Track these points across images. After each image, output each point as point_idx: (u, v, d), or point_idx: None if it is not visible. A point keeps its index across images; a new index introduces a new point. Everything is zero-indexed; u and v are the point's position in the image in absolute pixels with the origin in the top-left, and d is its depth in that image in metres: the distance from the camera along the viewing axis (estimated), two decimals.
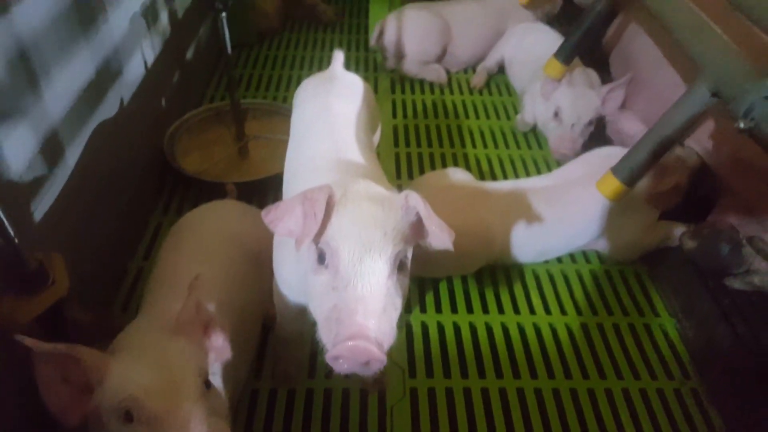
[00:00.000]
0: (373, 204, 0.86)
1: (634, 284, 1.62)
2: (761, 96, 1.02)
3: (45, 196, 1.16)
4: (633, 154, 1.37)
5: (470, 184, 1.59)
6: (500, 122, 2.25)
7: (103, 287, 1.46)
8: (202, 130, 2.05)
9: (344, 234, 0.83)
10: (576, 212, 1.57)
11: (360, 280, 0.80)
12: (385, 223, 0.84)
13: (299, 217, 0.85)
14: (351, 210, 0.85)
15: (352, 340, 0.75)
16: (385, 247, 0.82)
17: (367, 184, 0.94)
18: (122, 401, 0.79)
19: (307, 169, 1.15)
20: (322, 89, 1.36)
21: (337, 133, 1.21)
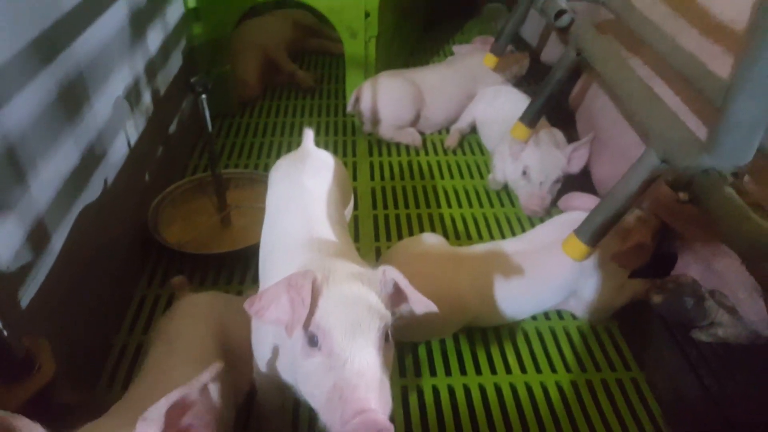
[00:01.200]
0: (355, 282, 0.92)
1: (606, 339, 1.67)
2: (699, 170, 1.10)
3: (31, 283, 1.21)
4: (593, 218, 1.45)
5: (443, 250, 1.66)
6: (474, 181, 2.35)
7: (88, 363, 1.49)
8: (185, 200, 2.12)
9: (334, 315, 0.88)
10: (546, 275, 1.63)
11: (356, 356, 0.84)
12: (369, 299, 0.90)
13: (286, 304, 0.90)
14: (336, 291, 0.90)
15: (361, 415, 0.79)
16: (372, 321, 0.87)
17: (344, 263, 1.01)
18: None
19: (282, 248, 1.21)
20: (294, 169, 1.43)
21: (309, 212, 1.27)
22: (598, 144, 2.06)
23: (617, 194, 1.41)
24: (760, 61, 0.95)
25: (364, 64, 2.61)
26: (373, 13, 2.44)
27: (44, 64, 1.29)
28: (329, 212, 1.30)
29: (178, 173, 2.30)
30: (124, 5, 1.77)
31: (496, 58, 2.49)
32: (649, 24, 1.71)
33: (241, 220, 2.08)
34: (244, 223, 2.07)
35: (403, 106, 2.50)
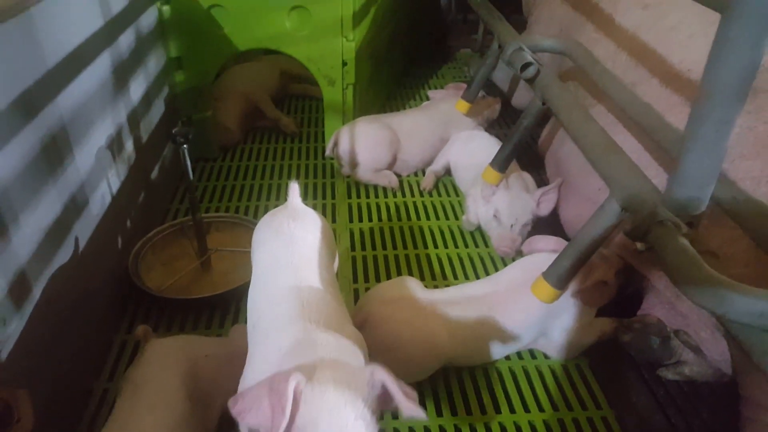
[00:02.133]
0: (341, 387, 0.89)
1: (576, 377, 1.72)
2: (655, 221, 1.17)
3: (11, 334, 1.22)
4: (559, 262, 1.52)
5: (418, 294, 1.70)
6: (449, 222, 2.42)
7: (68, 410, 1.50)
8: (166, 245, 2.15)
9: (316, 423, 0.86)
10: (515, 318, 1.68)
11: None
12: (355, 403, 0.88)
13: (267, 410, 0.87)
14: (319, 398, 0.88)
15: None
16: (358, 426, 0.86)
17: (333, 360, 0.99)
18: None
19: (272, 317, 1.20)
20: (284, 227, 1.43)
21: (301, 275, 1.28)
22: (566, 188, 2.15)
23: (582, 239, 1.48)
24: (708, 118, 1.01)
25: (341, 110, 2.70)
26: (350, 62, 2.54)
27: (27, 120, 1.33)
28: (321, 274, 1.31)
29: (159, 218, 2.34)
30: (107, 58, 1.83)
31: (468, 104, 2.59)
32: (609, 75, 1.82)
33: (222, 263, 2.12)
34: (225, 267, 2.11)
35: (380, 150, 2.58)
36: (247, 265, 2.07)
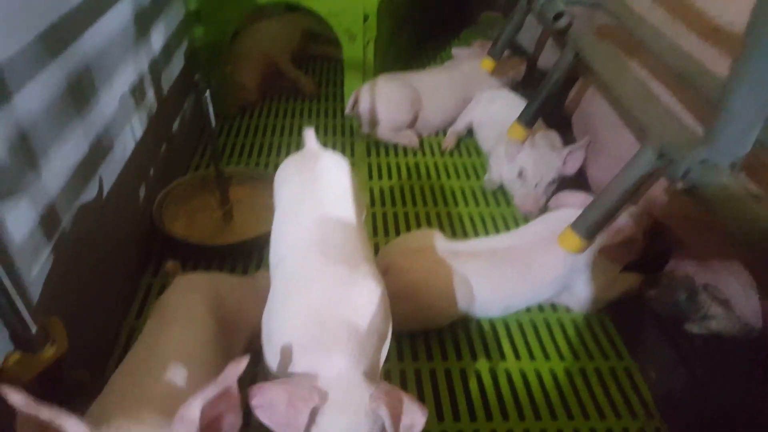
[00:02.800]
0: (350, 416, 0.92)
1: (599, 331, 1.71)
2: (697, 161, 1.15)
3: (44, 263, 1.24)
4: (589, 212, 1.50)
5: (441, 245, 1.70)
6: (470, 182, 2.40)
7: (99, 346, 1.53)
8: (188, 197, 2.15)
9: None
10: (539, 270, 1.68)
11: None
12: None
13: (281, 419, 0.90)
14: (329, 425, 0.91)
15: None
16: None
17: (345, 384, 0.97)
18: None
19: (295, 258, 1.18)
20: (307, 166, 1.40)
21: (325, 213, 1.25)
22: (594, 147, 2.12)
23: (613, 190, 1.46)
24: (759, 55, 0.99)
25: (362, 67, 2.66)
26: (372, 16, 2.49)
27: (53, 56, 1.33)
28: (345, 207, 1.30)
29: (181, 171, 2.34)
30: (128, 4, 1.81)
31: (493, 62, 2.54)
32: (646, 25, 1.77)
33: (243, 215, 2.12)
34: (246, 218, 2.11)
35: (401, 109, 2.55)
36: (268, 217, 2.09)
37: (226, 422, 0.90)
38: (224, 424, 0.90)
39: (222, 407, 0.89)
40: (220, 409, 0.90)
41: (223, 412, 0.90)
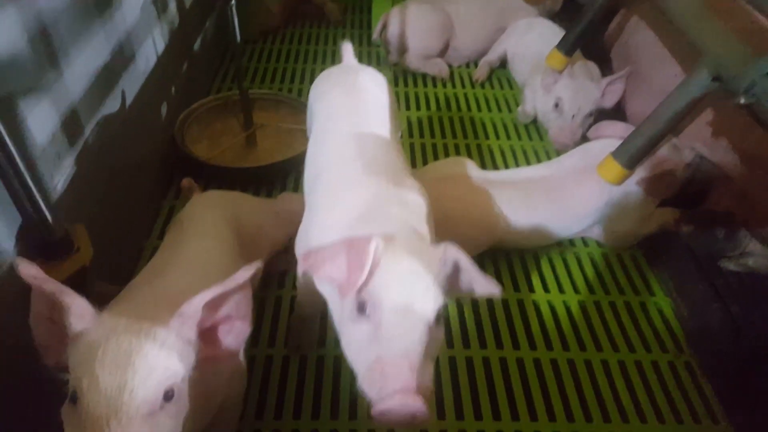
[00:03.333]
0: (416, 258, 0.86)
1: (630, 266, 1.67)
2: (761, 73, 1.07)
3: (67, 171, 1.21)
4: (633, 138, 1.42)
5: (473, 173, 1.64)
6: (502, 114, 2.31)
7: (120, 265, 1.52)
8: (210, 120, 2.10)
9: (388, 288, 0.83)
10: (574, 202, 1.62)
11: (404, 335, 0.80)
12: (426, 277, 0.85)
13: (342, 266, 0.85)
14: (395, 263, 0.85)
15: (399, 397, 0.75)
16: (426, 303, 0.83)
17: (409, 225, 0.97)
18: (73, 378, 0.72)
19: (336, 170, 1.14)
20: (347, 78, 1.35)
21: (366, 125, 1.21)
22: (635, 79, 2.01)
23: (661, 114, 1.38)
24: None
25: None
26: None
27: None
28: (385, 124, 1.25)
29: (203, 91, 2.28)
30: None
31: None
32: None
33: (267, 141, 2.07)
34: (270, 144, 2.06)
35: (432, 35, 2.43)
36: (293, 142, 2.04)
37: (235, 329, 0.88)
38: (233, 330, 0.88)
39: (233, 313, 0.87)
40: (231, 315, 0.87)
41: (234, 318, 0.87)
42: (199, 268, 1.09)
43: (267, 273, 1.57)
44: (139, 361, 0.72)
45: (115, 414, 0.68)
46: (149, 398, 0.71)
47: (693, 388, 1.36)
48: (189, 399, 0.80)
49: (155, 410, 0.72)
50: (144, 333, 0.75)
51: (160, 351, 0.75)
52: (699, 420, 1.30)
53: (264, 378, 1.35)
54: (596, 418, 1.29)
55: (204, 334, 0.84)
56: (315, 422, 1.27)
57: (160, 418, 0.73)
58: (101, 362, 0.71)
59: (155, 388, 0.72)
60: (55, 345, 0.79)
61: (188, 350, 0.80)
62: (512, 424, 1.27)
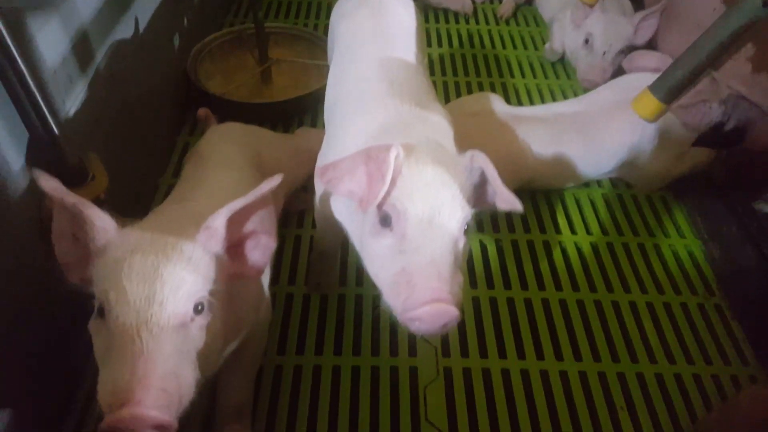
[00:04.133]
0: (440, 165, 0.82)
1: (660, 208, 1.61)
2: None
3: (79, 97, 1.16)
4: (672, 71, 1.34)
5: (502, 109, 1.57)
6: (528, 52, 2.21)
7: (135, 201, 1.48)
8: (224, 55, 2.02)
9: (413, 196, 0.79)
10: (607, 138, 1.55)
11: (431, 243, 0.77)
12: (452, 185, 0.81)
13: (362, 178, 0.81)
14: (418, 172, 0.81)
15: (431, 303, 0.72)
16: (453, 211, 0.79)
17: (431, 138, 0.91)
18: (100, 292, 0.71)
19: (359, 93, 1.08)
20: (371, 2, 1.28)
21: (389, 45, 1.15)
22: (670, 14, 1.90)
23: (705, 44, 1.29)
24: None
25: None
26: None
27: None
28: (411, 47, 1.18)
29: (216, 25, 2.19)
30: None
31: None
32: None
33: (282, 77, 2.00)
34: (285, 80, 1.99)
35: None
36: (309, 79, 1.97)
37: (260, 244, 0.86)
38: (259, 245, 0.87)
39: (258, 228, 0.85)
40: (256, 230, 0.85)
41: (259, 233, 0.86)
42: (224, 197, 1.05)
43: (286, 212, 1.54)
44: (168, 274, 0.70)
45: (145, 324, 0.67)
46: (179, 310, 0.70)
47: (723, 330, 1.33)
48: (219, 315, 0.78)
49: (186, 322, 0.71)
50: (171, 246, 0.73)
51: (188, 264, 0.73)
52: (729, 362, 1.27)
53: (285, 315, 1.33)
54: (623, 359, 1.27)
55: (230, 250, 0.82)
56: (337, 358, 1.26)
57: (191, 330, 0.72)
58: (128, 275, 0.69)
59: (185, 300, 0.71)
60: (79, 261, 0.77)
61: (216, 265, 0.78)
62: (537, 363, 1.25)
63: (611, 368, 1.25)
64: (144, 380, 0.63)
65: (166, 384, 0.65)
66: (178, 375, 0.67)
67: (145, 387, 0.63)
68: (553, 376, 1.23)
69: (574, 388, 1.22)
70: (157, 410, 0.63)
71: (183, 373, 0.69)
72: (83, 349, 0.85)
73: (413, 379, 1.22)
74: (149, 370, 0.64)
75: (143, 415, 0.62)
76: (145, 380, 0.64)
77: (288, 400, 1.18)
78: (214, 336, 0.77)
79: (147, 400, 0.62)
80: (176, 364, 0.68)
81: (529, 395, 1.21)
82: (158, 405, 0.63)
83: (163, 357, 0.66)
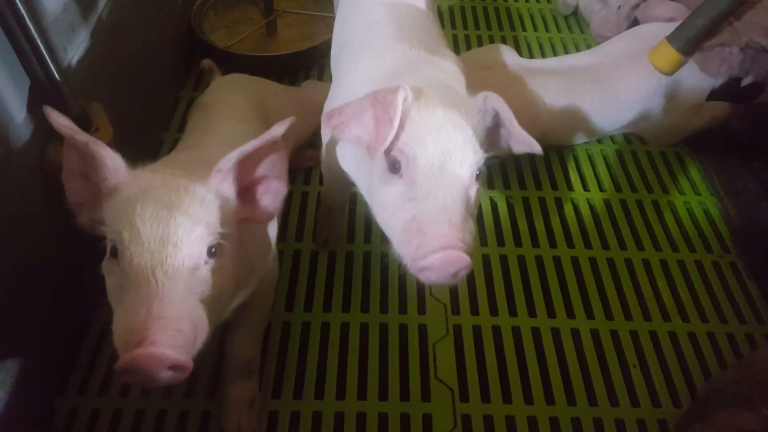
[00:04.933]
0: (451, 108, 0.79)
1: (675, 165, 1.58)
2: None
3: (81, 46, 1.12)
4: (692, 20, 1.29)
5: (514, 61, 1.52)
6: (540, 5, 2.13)
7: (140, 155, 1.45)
8: (227, 7, 1.96)
9: (422, 141, 0.76)
10: (621, 90, 1.50)
11: (441, 189, 0.74)
12: (464, 129, 0.78)
13: (369, 122, 0.78)
14: (428, 115, 0.78)
15: (442, 251, 0.71)
16: (465, 155, 0.76)
17: (441, 81, 0.87)
18: (112, 233, 0.70)
19: (364, 37, 1.04)
20: None
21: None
22: None
23: None
24: None
25: None
26: None
27: None
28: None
29: None
30: None
31: None
32: None
33: (289, 31, 1.94)
34: (291, 33, 1.93)
35: None
36: (315, 32, 1.91)
37: (271, 189, 0.86)
38: (270, 190, 0.86)
39: (269, 173, 0.85)
40: (267, 175, 0.85)
41: (270, 178, 0.85)
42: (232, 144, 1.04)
43: (293, 168, 1.51)
44: (181, 216, 0.70)
45: (160, 265, 0.67)
46: (194, 252, 0.70)
47: (738, 288, 1.32)
48: (230, 258, 0.77)
49: (199, 264, 0.71)
50: (183, 188, 0.73)
51: (200, 206, 0.72)
52: (744, 320, 1.26)
53: (293, 272, 1.32)
54: (636, 317, 1.26)
55: (241, 194, 0.82)
56: (346, 315, 1.25)
57: (205, 272, 0.71)
58: (141, 216, 0.68)
59: (199, 242, 0.70)
60: (89, 202, 0.77)
61: (228, 208, 0.78)
62: (549, 321, 1.24)
63: (624, 326, 1.24)
64: (160, 320, 0.63)
65: (182, 324, 0.65)
66: (193, 316, 0.67)
67: (161, 327, 0.63)
68: (564, 334, 1.23)
69: (585, 346, 1.21)
70: (173, 350, 0.63)
71: (197, 314, 0.68)
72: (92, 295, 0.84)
73: (422, 337, 1.22)
74: (165, 310, 0.64)
75: (160, 354, 0.62)
76: (161, 320, 0.63)
77: (296, 357, 1.18)
78: (226, 279, 0.76)
79: (163, 340, 0.62)
80: (191, 306, 0.67)
81: (540, 353, 1.20)
82: (174, 345, 0.63)
83: (178, 298, 0.66)
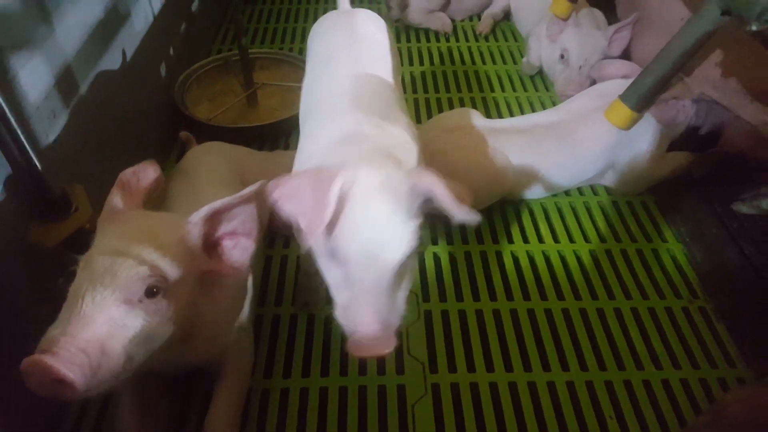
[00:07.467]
0: (386, 194, 0.82)
1: (641, 213, 1.63)
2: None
3: (62, 129, 1.18)
4: (642, 79, 1.38)
5: (479, 123, 1.60)
6: (507, 67, 2.25)
7: None
8: (211, 81, 2.06)
9: (354, 235, 0.81)
10: (584, 145, 1.57)
11: (370, 276, 0.81)
12: (396, 220, 0.82)
13: (308, 201, 0.80)
14: (362, 209, 0.81)
15: (365, 338, 0.81)
16: (396, 248, 0.81)
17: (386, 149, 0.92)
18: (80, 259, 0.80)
19: (325, 104, 1.12)
20: (344, 19, 1.35)
21: (360, 61, 1.19)
22: (642, 24, 1.95)
23: (670, 52, 1.33)
24: None
25: None
26: None
27: None
28: (381, 63, 1.22)
29: (203, 54, 2.23)
30: None
31: None
32: None
33: (269, 100, 2.03)
34: (272, 103, 2.02)
35: None
36: (294, 101, 1.99)
37: (240, 244, 0.94)
38: (238, 245, 0.95)
39: (239, 229, 0.93)
40: (236, 230, 0.93)
41: (239, 234, 0.94)
42: None
43: (273, 233, 1.55)
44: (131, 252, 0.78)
45: (92, 290, 0.74)
46: (129, 285, 0.76)
47: (708, 332, 1.34)
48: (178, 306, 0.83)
49: (132, 300, 0.77)
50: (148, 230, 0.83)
51: (156, 249, 0.80)
52: (715, 364, 1.28)
53: (272, 337, 1.33)
54: (610, 367, 1.27)
55: (210, 247, 0.91)
56: (324, 379, 1.26)
57: (136, 310, 0.77)
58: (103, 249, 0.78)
59: (136, 280, 0.77)
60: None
61: (189, 256, 0.86)
62: (525, 374, 1.26)
63: (598, 377, 1.26)
64: (68, 337, 0.70)
65: (89, 347, 0.71)
66: (106, 344, 0.73)
67: (66, 343, 0.69)
68: (540, 387, 1.24)
69: (562, 399, 1.22)
70: (65, 366, 0.68)
71: (112, 345, 0.74)
72: None
73: (401, 398, 1.23)
74: (79, 331, 0.71)
75: (49, 366, 0.67)
76: (69, 337, 0.70)
77: (275, 423, 1.18)
78: (161, 322, 0.81)
79: (62, 354, 0.68)
80: (108, 335, 0.73)
81: (517, 407, 1.21)
82: (71, 362, 0.69)
83: (97, 324, 0.72)
